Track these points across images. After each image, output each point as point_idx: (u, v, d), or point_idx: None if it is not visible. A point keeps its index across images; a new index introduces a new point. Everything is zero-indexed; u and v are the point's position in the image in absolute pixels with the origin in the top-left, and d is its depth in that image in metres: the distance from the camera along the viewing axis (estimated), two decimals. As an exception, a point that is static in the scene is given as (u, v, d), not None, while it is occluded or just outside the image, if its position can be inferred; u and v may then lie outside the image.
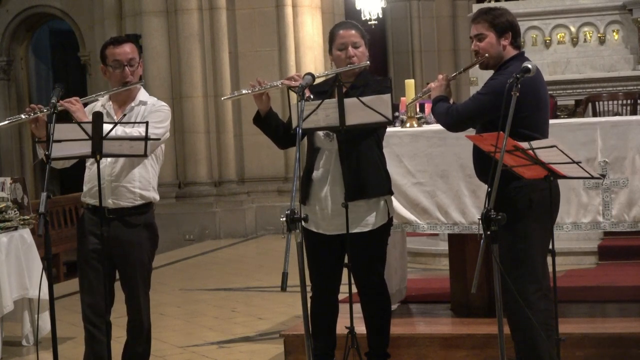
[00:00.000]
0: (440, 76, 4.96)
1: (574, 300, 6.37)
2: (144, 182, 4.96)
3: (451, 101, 4.95)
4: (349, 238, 4.79)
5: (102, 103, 5.03)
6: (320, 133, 4.94)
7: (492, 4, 4.74)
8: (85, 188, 4.99)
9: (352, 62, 4.94)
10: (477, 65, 4.92)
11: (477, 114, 4.74)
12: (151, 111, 4.97)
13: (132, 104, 5.00)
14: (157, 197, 5.06)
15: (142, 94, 5.06)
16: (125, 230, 4.90)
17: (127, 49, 4.97)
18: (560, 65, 10.87)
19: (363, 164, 4.89)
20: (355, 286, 5.02)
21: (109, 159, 4.84)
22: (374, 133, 4.97)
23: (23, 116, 4.80)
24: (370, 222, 4.92)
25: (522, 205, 4.56)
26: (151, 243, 5.03)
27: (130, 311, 5.01)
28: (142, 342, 5.06)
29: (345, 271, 5.01)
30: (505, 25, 4.77)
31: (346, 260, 4.96)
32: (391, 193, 5.07)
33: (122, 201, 4.91)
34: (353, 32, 4.98)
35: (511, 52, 4.79)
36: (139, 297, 5.00)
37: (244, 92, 5.04)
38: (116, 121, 4.83)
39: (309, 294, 4.89)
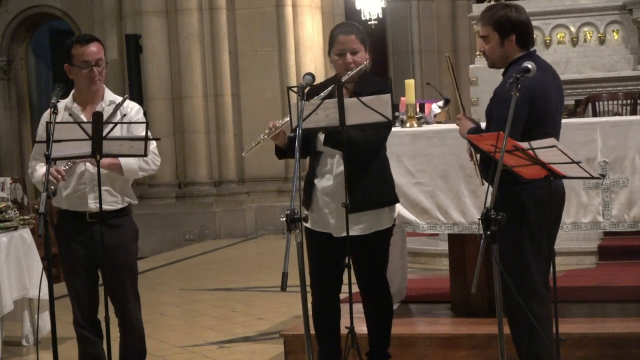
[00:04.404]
0: (459, 115, 4.81)
1: (574, 300, 6.37)
2: (124, 184, 4.96)
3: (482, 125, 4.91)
4: (348, 240, 4.79)
5: (67, 104, 4.94)
6: (321, 137, 4.93)
7: (501, 2, 4.65)
8: (63, 193, 4.91)
9: (350, 69, 4.90)
10: (475, 64, 4.88)
11: (518, 123, 4.57)
12: (132, 117, 4.91)
13: (103, 104, 4.93)
14: (135, 199, 5.07)
15: (109, 93, 5.01)
16: (109, 234, 4.82)
17: (95, 48, 4.86)
18: (560, 65, 10.85)
19: (367, 170, 4.89)
20: (358, 287, 5.02)
21: (87, 164, 4.82)
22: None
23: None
24: (374, 224, 4.93)
25: (516, 209, 4.52)
26: (134, 243, 5.03)
27: (120, 314, 4.99)
28: (136, 343, 5.06)
29: (345, 271, 5.01)
30: (508, 26, 4.68)
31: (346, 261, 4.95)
32: (397, 201, 5.09)
33: (106, 205, 4.84)
34: (352, 37, 4.93)
35: (516, 53, 4.71)
36: (129, 299, 4.99)
37: (262, 137, 4.99)
38: (113, 122, 4.81)
39: (309, 295, 4.89)
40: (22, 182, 7.57)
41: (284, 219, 4.15)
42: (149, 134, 4.81)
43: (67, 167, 4.74)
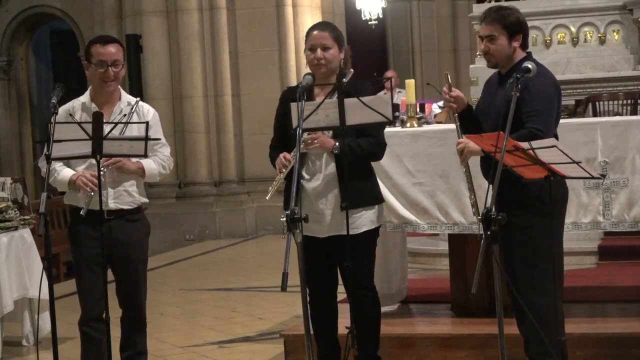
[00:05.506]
0: (460, 140, 4.74)
1: (574, 300, 6.37)
2: (140, 185, 5.04)
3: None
4: (348, 240, 4.79)
5: (85, 103, 4.99)
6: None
7: (501, 3, 4.68)
8: (80, 192, 4.93)
9: (320, 65, 4.92)
10: (482, 64, 4.94)
11: (553, 119, 4.73)
12: (151, 123, 4.96)
13: (121, 105, 4.99)
14: (147, 199, 5.14)
15: (125, 94, 5.07)
16: (124, 230, 4.94)
17: (113, 49, 4.92)
18: (561, 65, 10.86)
19: (359, 169, 4.91)
20: (345, 287, 5.01)
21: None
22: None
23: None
24: (362, 224, 4.93)
25: (548, 201, 4.55)
26: (147, 238, 5.12)
27: (131, 309, 5.04)
28: (143, 338, 5.12)
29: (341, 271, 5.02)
30: (516, 27, 4.76)
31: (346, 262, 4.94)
32: (384, 200, 5.13)
33: (123, 205, 4.96)
34: (326, 34, 4.96)
35: (520, 54, 4.80)
36: (141, 294, 5.06)
37: (278, 178, 4.98)
38: (113, 121, 4.83)
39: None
40: (22, 182, 7.57)
41: (284, 219, 4.15)
42: (158, 135, 4.96)
43: (102, 172, 4.79)
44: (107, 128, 4.59)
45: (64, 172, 4.90)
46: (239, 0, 13.15)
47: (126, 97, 5.04)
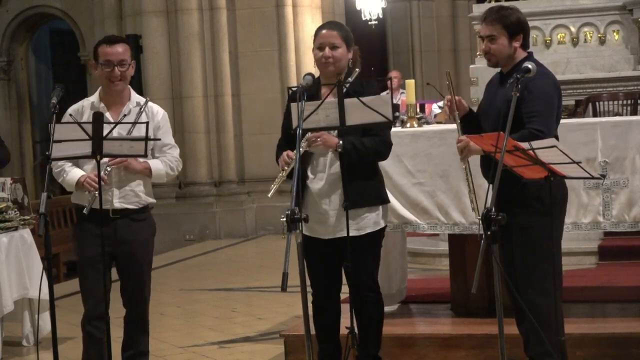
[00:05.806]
0: (461, 138, 4.73)
1: (574, 300, 6.37)
2: (148, 186, 5.06)
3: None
4: (349, 240, 4.78)
5: (94, 103, 5.02)
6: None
7: (502, 3, 4.70)
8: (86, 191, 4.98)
9: (328, 63, 4.92)
10: (480, 64, 4.94)
11: (554, 120, 4.74)
12: (161, 124, 5.02)
13: (130, 106, 5.01)
14: (154, 199, 5.16)
15: (134, 94, 5.10)
16: (129, 230, 4.95)
17: (120, 49, 4.96)
18: (561, 65, 10.86)
19: (363, 169, 4.90)
20: (349, 288, 5.00)
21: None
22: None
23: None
24: (365, 225, 4.92)
25: (548, 201, 4.55)
26: (153, 238, 5.13)
27: (135, 309, 5.06)
28: (146, 338, 5.14)
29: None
30: (517, 27, 4.77)
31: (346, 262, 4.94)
32: (389, 201, 5.11)
33: (129, 204, 4.97)
34: (334, 33, 4.95)
35: (521, 54, 4.81)
36: (145, 294, 5.08)
37: (279, 176, 4.98)
38: (114, 121, 4.84)
39: (309, 295, 4.89)
40: (22, 182, 7.56)
41: (284, 219, 4.15)
42: (167, 136, 5.01)
43: (106, 172, 4.82)
44: (109, 128, 4.61)
45: (73, 173, 4.93)
46: (239, 0, 13.15)
47: (135, 97, 5.07)
